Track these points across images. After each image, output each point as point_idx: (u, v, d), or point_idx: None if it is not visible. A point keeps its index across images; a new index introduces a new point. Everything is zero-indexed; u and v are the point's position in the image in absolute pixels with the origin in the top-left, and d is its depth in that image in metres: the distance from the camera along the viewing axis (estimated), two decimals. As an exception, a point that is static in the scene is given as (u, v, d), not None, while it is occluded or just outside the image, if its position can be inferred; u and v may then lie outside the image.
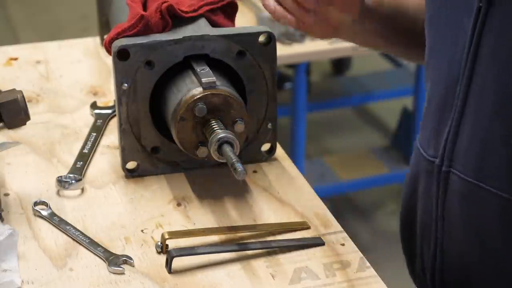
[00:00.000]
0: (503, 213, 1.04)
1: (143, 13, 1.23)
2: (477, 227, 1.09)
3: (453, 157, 1.09)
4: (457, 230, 1.11)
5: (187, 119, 1.19)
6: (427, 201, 1.16)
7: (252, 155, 1.32)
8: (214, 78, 1.19)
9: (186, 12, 1.27)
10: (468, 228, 1.10)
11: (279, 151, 1.36)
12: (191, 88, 1.20)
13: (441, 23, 1.11)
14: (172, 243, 1.13)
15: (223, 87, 1.20)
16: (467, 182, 1.08)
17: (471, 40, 1.04)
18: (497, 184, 1.05)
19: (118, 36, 1.23)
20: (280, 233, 1.18)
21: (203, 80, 1.19)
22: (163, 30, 1.25)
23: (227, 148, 1.15)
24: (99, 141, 1.39)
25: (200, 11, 1.28)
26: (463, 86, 1.06)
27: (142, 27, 1.23)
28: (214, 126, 1.18)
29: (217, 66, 1.25)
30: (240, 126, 1.21)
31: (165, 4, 1.24)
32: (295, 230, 1.18)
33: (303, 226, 1.19)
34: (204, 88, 1.19)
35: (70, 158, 1.34)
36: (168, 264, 1.11)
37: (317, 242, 1.16)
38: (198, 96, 1.18)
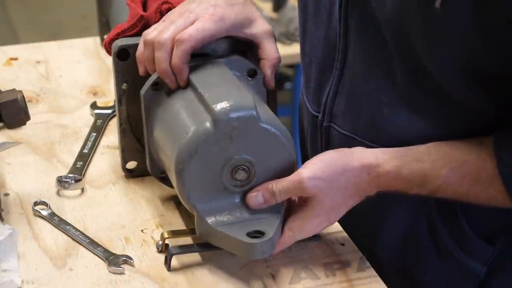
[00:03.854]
0: None
1: (143, 13, 1.23)
2: None
3: (333, 113, 1.21)
4: None
5: None
6: (314, 152, 1.24)
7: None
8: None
9: None
10: None
11: (279, 151, 1.35)
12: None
13: None
14: (171, 243, 1.13)
15: None
16: (344, 135, 1.20)
17: (340, 12, 1.15)
18: (366, 136, 1.17)
19: (118, 36, 1.23)
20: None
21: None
22: (163, 30, 1.25)
23: None
24: (99, 141, 1.39)
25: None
26: (341, 52, 1.17)
27: (142, 27, 1.23)
28: None
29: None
30: None
31: (165, 5, 1.24)
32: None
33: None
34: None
35: (70, 158, 1.34)
36: (168, 261, 1.11)
37: (313, 237, 1.16)
38: None
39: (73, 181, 1.26)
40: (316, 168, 1.08)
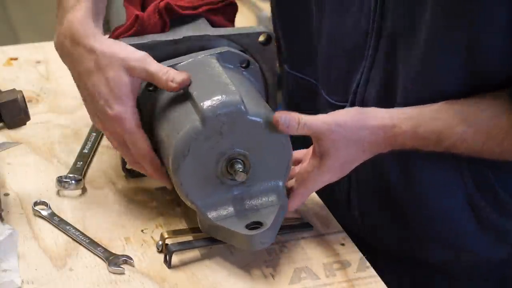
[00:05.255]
0: None
1: (139, 13, 1.23)
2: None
3: (364, 100, 1.21)
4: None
5: None
6: None
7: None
8: None
9: (185, 8, 1.26)
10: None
11: (279, 151, 1.35)
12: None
13: None
14: (171, 243, 1.13)
15: None
16: None
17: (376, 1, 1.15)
18: None
19: (116, 38, 1.23)
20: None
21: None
22: (161, 30, 1.24)
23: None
24: (99, 141, 1.39)
25: (200, 10, 1.28)
26: (374, 38, 1.17)
27: (139, 27, 1.22)
28: None
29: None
30: None
31: (162, 3, 1.23)
32: (296, 229, 1.18)
33: (305, 225, 1.19)
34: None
35: (70, 158, 1.34)
36: (168, 259, 1.11)
37: (305, 226, 1.17)
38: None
39: (73, 181, 1.26)
40: (340, 119, 1.10)
